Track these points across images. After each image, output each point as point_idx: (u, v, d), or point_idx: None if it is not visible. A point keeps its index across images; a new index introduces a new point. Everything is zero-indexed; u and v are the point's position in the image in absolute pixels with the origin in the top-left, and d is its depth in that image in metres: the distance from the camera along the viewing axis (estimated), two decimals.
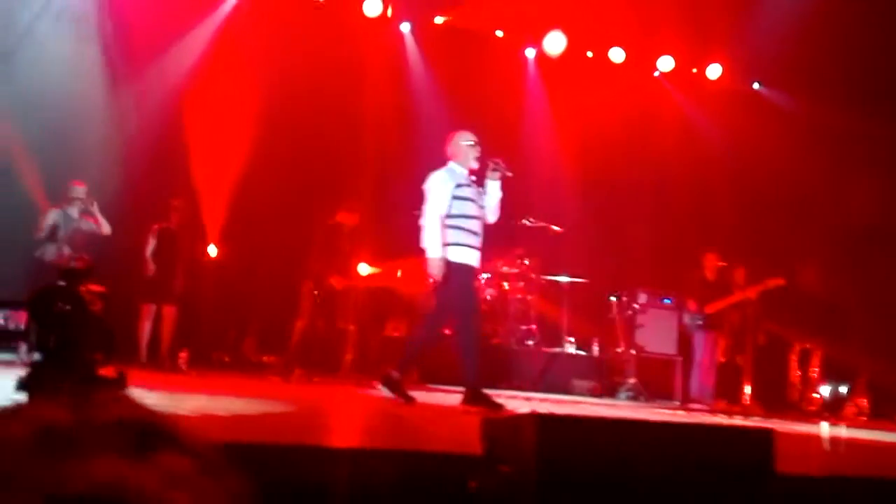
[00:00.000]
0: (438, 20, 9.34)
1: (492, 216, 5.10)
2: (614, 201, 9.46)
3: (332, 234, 7.19)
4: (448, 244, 4.86)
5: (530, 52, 9.88)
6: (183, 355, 6.69)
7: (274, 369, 7.19)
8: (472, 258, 4.94)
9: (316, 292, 6.97)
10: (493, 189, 5.04)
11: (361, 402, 5.32)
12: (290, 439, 2.69)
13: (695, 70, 10.02)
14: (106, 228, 6.88)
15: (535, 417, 2.24)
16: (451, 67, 9.17)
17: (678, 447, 2.19)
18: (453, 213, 4.90)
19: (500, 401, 4.91)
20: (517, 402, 5.66)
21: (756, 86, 10.18)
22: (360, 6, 8.84)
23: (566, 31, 9.37)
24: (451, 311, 4.94)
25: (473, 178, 5.06)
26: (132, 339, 6.76)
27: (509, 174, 5.03)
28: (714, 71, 9.94)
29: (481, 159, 5.04)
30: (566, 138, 9.55)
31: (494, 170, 4.99)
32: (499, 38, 9.63)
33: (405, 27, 9.43)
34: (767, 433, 2.30)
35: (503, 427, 2.58)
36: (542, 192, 9.05)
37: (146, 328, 6.98)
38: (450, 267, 4.81)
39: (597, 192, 9.40)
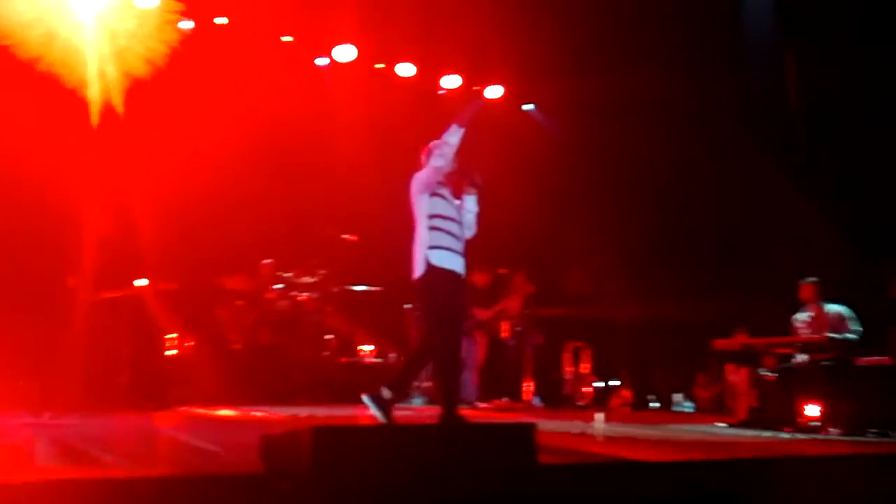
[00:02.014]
0: (219, 20, 8.92)
1: (469, 231, 4.70)
2: (402, 209, 9.64)
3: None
4: (432, 247, 4.40)
5: (322, 61, 9.85)
6: None
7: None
8: (456, 264, 4.46)
9: None
10: (471, 204, 4.70)
11: (136, 429, 4.90)
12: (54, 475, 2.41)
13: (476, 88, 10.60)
14: None
15: (311, 430, 2.22)
16: (237, 71, 8.87)
17: (447, 447, 2.29)
18: (434, 212, 4.47)
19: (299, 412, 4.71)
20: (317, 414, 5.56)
21: (528, 107, 10.98)
22: None
23: (356, 42, 9.48)
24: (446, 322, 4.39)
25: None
26: None
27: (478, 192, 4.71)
28: (495, 91, 10.58)
29: (457, 174, 4.68)
30: (360, 149, 9.65)
31: (472, 184, 4.69)
32: (287, 43, 9.44)
33: (186, 24, 8.96)
34: (529, 428, 2.48)
35: (282, 443, 2.53)
36: (337, 199, 9.07)
37: None
38: (434, 273, 4.36)
39: (385, 201, 9.58)
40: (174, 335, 7.60)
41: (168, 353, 7.53)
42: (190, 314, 7.79)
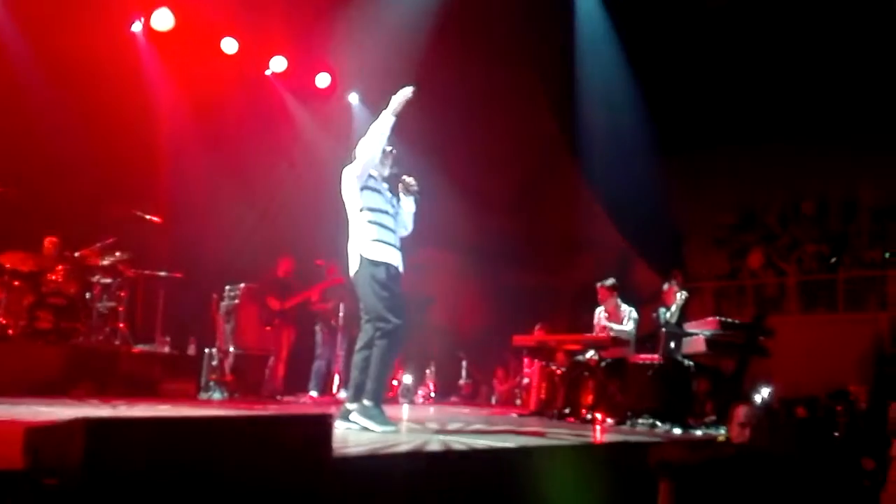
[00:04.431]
0: None
1: (405, 228, 4.59)
2: (214, 191, 9.20)
3: None
4: (368, 241, 4.32)
5: (137, 26, 9.15)
6: None
7: None
8: (394, 257, 4.38)
9: None
10: (409, 204, 4.59)
11: None
12: None
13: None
14: None
15: (82, 423, 2.05)
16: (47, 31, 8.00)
17: (236, 440, 2.22)
18: (369, 205, 4.37)
19: (82, 409, 4.32)
20: (98, 408, 5.12)
21: (353, 98, 10.97)
22: None
23: (175, 11, 8.92)
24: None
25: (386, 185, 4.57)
26: None
27: (418, 196, 4.60)
28: (323, 79, 10.48)
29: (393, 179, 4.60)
30: (168, 122, 9.06)
31: (408, 189, 4.55)
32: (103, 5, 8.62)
33: None
34: (324, 418, 2.47)
35: (49, 437, 2.30)
36: (140, 178, 8.45)
37: None
38: (371, 267, 4.28)
39: (196, 182, 9.08)
40: None
41: None
42: None
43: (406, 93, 4.30)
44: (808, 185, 11.76)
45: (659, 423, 5.72)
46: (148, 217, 7.92)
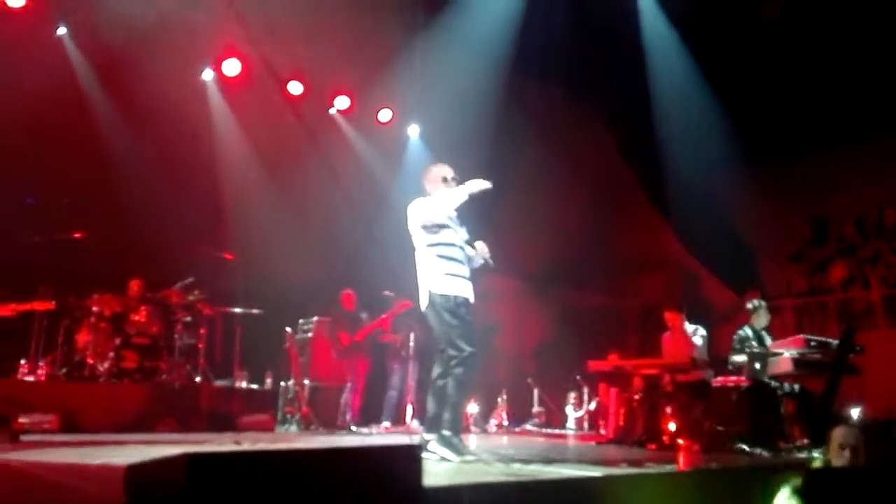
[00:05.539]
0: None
1: (473, 265, 4.76)
2: (281, 226, 9.43)
3: None
4: (438, 275, 4.45)
5: (207, 74, 9.56)
6: None
7: None
8: (465, 289, 4.51)
9: None
10: (477, 260, 4.75)
11: None
12: None
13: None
14: None
15: (183, 458, 2.10)
16: (119, 78, 8.45)
17: (331, 471, 2.24)
18: (439, 240, 4.51)
19: (171, 449, 4.45)
20: (183, 445, 5.25)
21: (413, 130, 11.12)
22: None
23: (245, 58, 9.29)
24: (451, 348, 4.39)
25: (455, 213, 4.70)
26: None
27: (492, 263, 4.76)
28: (385, 114, 10.68)
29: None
30: (237, 164, 9.40)
31: (482, 257, 4.72)
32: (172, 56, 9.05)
33: (62, 30, 8.50)
34: (414, 449, 2.47)
35: (150, 473, 2.37)
36: (213, 218, 8.76)
37: None
38: (442, 301, 4.41)
39: (264, 219, 9.34)
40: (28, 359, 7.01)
41: (23, 377, 6.93)
42: (48, 336, 7.23)
43: (484, 185, 4.48)
44: (882, 194, 11.22)
45: (748, 448, 5.48)
46: (222, 255, 8.19)
